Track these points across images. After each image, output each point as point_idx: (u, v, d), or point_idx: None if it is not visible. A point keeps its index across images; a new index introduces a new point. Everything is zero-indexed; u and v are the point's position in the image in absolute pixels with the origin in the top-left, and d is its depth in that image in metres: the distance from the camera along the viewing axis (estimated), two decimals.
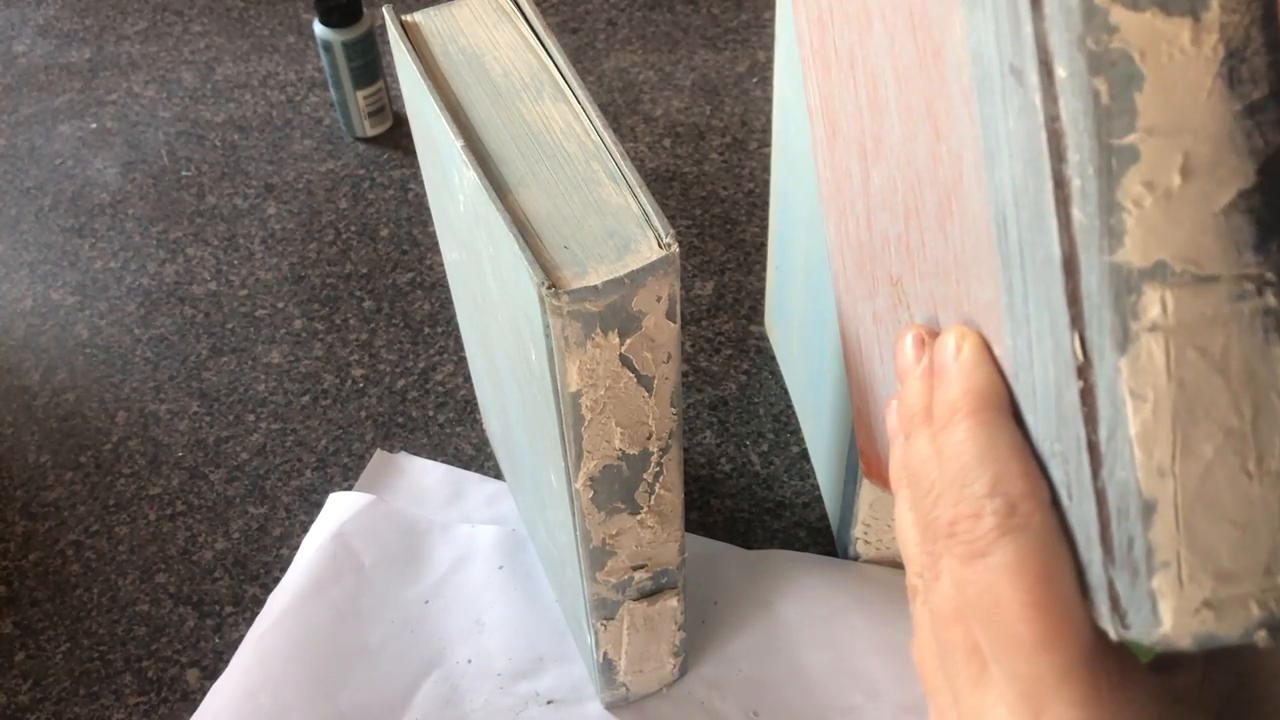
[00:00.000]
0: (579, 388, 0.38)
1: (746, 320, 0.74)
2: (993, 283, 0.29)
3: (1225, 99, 0.24)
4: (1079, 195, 0.24)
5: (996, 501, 0.28)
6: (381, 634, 0.59)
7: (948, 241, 0.32)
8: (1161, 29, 0.23)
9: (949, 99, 0.29)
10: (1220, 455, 0.25)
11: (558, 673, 0.58)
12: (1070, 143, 0.24)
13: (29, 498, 0.67)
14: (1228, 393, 0.25)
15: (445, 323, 0.74)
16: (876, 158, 0.38)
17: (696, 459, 0.67)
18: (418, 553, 0.62)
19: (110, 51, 0.94)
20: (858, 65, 0.38)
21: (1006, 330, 0.29)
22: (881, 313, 0.43)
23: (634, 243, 0.37)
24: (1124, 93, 0.24)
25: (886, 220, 0.39)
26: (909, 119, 0.34)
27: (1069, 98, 0.24)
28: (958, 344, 0.31)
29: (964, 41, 0.27)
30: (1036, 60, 0.24)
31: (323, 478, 0.67)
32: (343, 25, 0.79)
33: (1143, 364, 0.24)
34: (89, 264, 0.78)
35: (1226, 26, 0.23)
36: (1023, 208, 0.26)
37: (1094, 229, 0.24)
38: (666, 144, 0.84)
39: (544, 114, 0.41)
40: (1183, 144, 0.24)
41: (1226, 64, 0.23)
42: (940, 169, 0.32)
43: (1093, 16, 0.23)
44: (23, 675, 0.60)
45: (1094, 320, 0.25)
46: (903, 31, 0.32)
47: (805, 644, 0.59)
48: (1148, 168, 0.24)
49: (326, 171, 0.83)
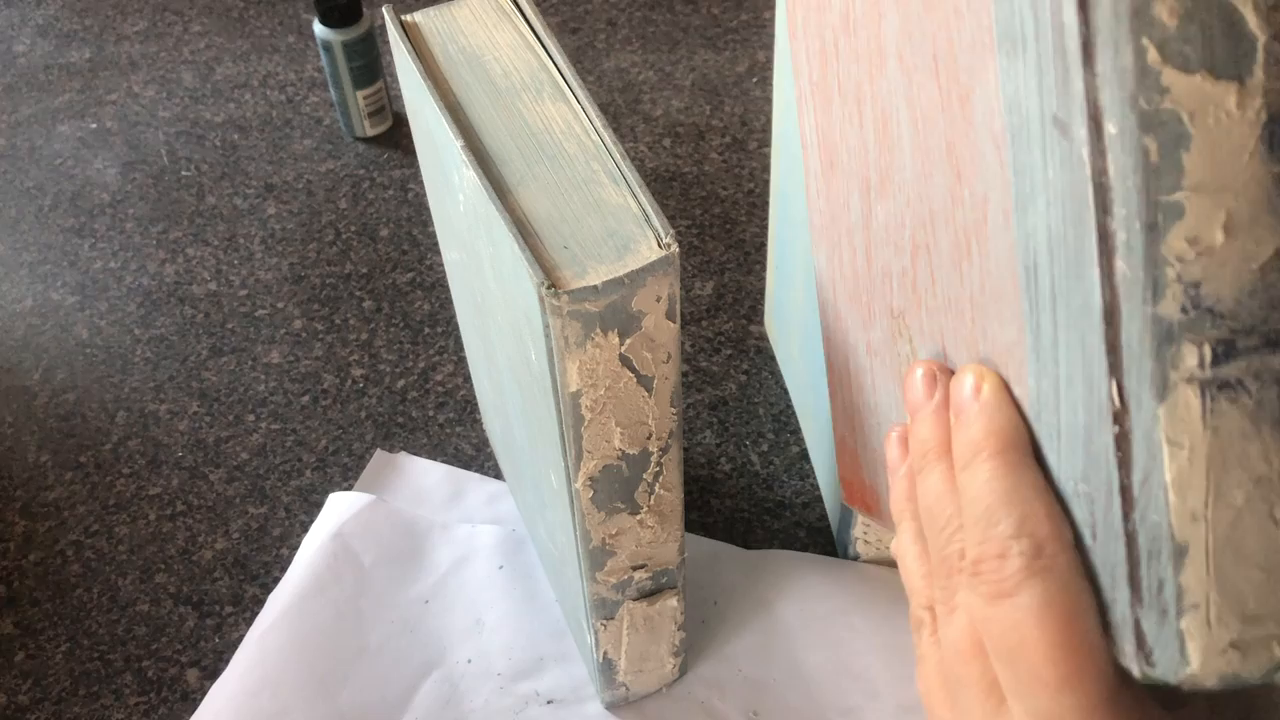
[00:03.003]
0: (579, 388, 0.38)
1: (746, 320, 0.74)
2: (1015, 325, 0.30)
3: (1266, 161, 0.25)
4: (1123, 248, 0.25)
5: (1023, 542, 0.29)
6: (381, 634, 0.59)
7: (963, 281, 0.33)
8: (1210, 92, 0.24)
9: (975, 143, 0.30)
10: (1250, 502, 0.26)
11: (558, 673, 0.58)
12: (1117, 197, 0.25)
13: (29, 498, 0.67)
14: (1259, 442, 0.26)
15: (445, 323, 0.74)
16: (882, 193, 0.39)
17: (696, 459, 0.67)
18: (418, 553, 0.62)
19: (110, 51, 0.94)
20: (865, 101, 0.38)
21: (1030, 372, 0.30)
22: (877, 344, 0.43)
23: (634, 243, 0.37)
24: (1172, 151, 0.24)
25: (890, 255, 0.39)
26: (925, 159, 0.34)
27: (1118, 153, 0.25)
28: (977, 383, 0.32)
29: (999, 90, 0.28)
30: (1086, 115, 0.25)
31: (323, 478, 0.67)
32: (343, 25, 0.79)
33: (1180, 413, 0.25)
34: (89, 264, 0.78)
35: (1270, 92, 0.24)
36: (1058, 256, 0.27)
37: (1138, 281, 0.25)
38: (666, 144, 0.84)
39: (544, 114, 0.41)
40: (1225, 203, 0.25)
41: (1269, 128, 0.24)
42: (959, 210, 0.32)
43: (1146, 76, 0.24)
44: (23, 675, 0.60)
45: (1133, 369, 0.26)
46: (923, 73, 0.33)
47: (805, 644, 0.59)
48: (1192, 224, 0.25)
49: (326, 171, 0.83)
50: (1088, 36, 0.25)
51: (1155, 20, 0.24)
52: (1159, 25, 0.24)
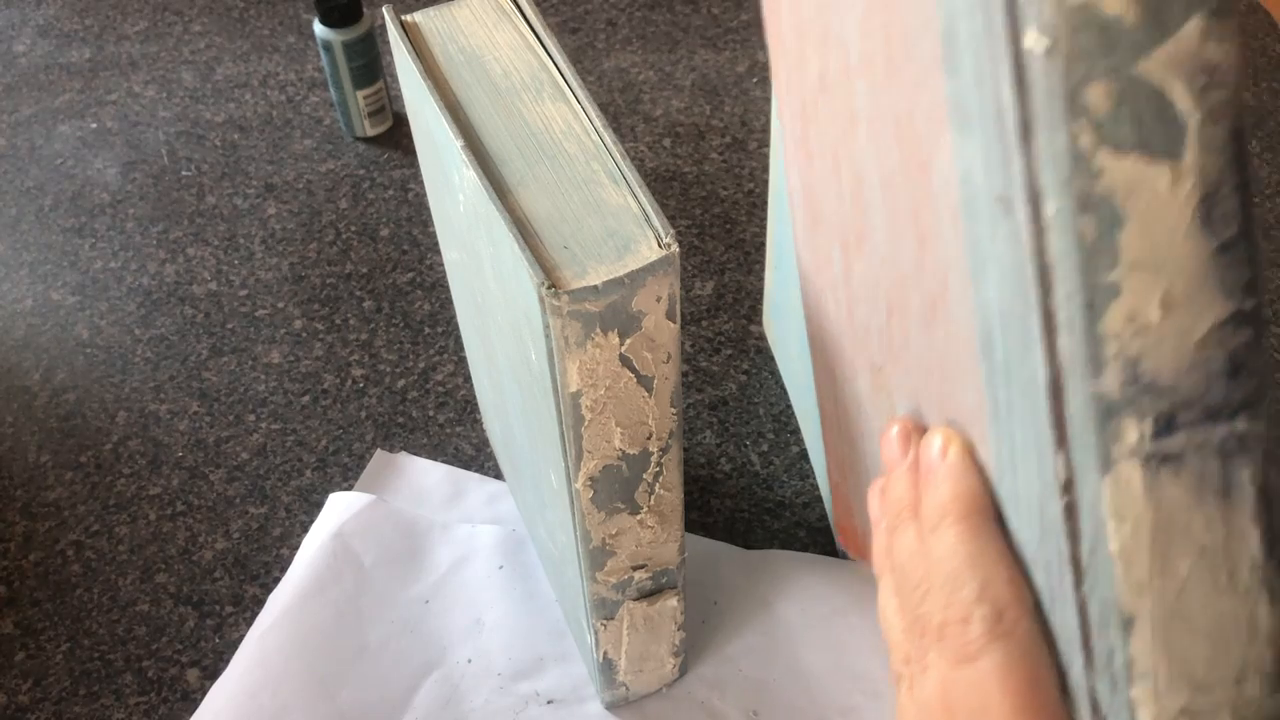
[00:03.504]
0: (579, 388, 0.38)
1: (746, 320, 0.74)
2: (977, 392, 0.30)
3: (1201, 238, 0.25)
4: (1065, 325, 0.26)
5: (985, 608, 0.29)
6: (381, 634, 0.59)
7: (932, 343, 0.34)
8: (1143, 173, 0.25)
9: (936, 212, 0.31)
10: (1195, 572, 0.26)
11: (558, 673, 0.58)
12: (1058, 276, 0.26)
13: (29, 498, 0.67)
14: (1202, 513, 0.26)
15: (445, 323, 0.74)
16: (859, 252, 0.39)
17: (696, 459, 0.67)
18: (418, 553, 0.62)
19: (110, 51, 0.94)
20: (841, 163, 0.38)
21: (991, 438, 0.31)
22: (862, 396, 0.43)
23: (634, 243, 0.37)
24: (1108, 232, 0.25)
25: (868, 311, 0.39)
26: (894, 222, 0.34)
27: (1056, 235, 0.25)
28: (944, 446, 0.32)
29: (952, 162, 0.28)
30: (1026, 196, 0.26)
31: (323, 478, 0.67)
32: (343, 25, 0.79)
33: (1122, 487, 0.26)
34: (89, 264, 0.78)
35: (1202, 171, 0.25)
36: (1009, 330, 0.28)
37: (1079, 358, 0.26)
38: (666, 144, 0.84)
39: (544, 114, 0.41)
40: (1162, 281, 0.25)
41: (1203, 205, 0.25)
42: (925, 276, 0.33)
43: (1080, 159, 0.25)
44: (23, 675, 0.60)
45: (1078, 443, 0.26)
46: (888, 139, 0.33)
47: (805, 644, 0.59)
48: (1129, 303, 0.25)
49: (326, 171, 0.83)
50: (1025, 119, 0.25)
51: (1089, 104, 0.24)
52: (1093, 109, 0.24)
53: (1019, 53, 0.25)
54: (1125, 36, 0.24)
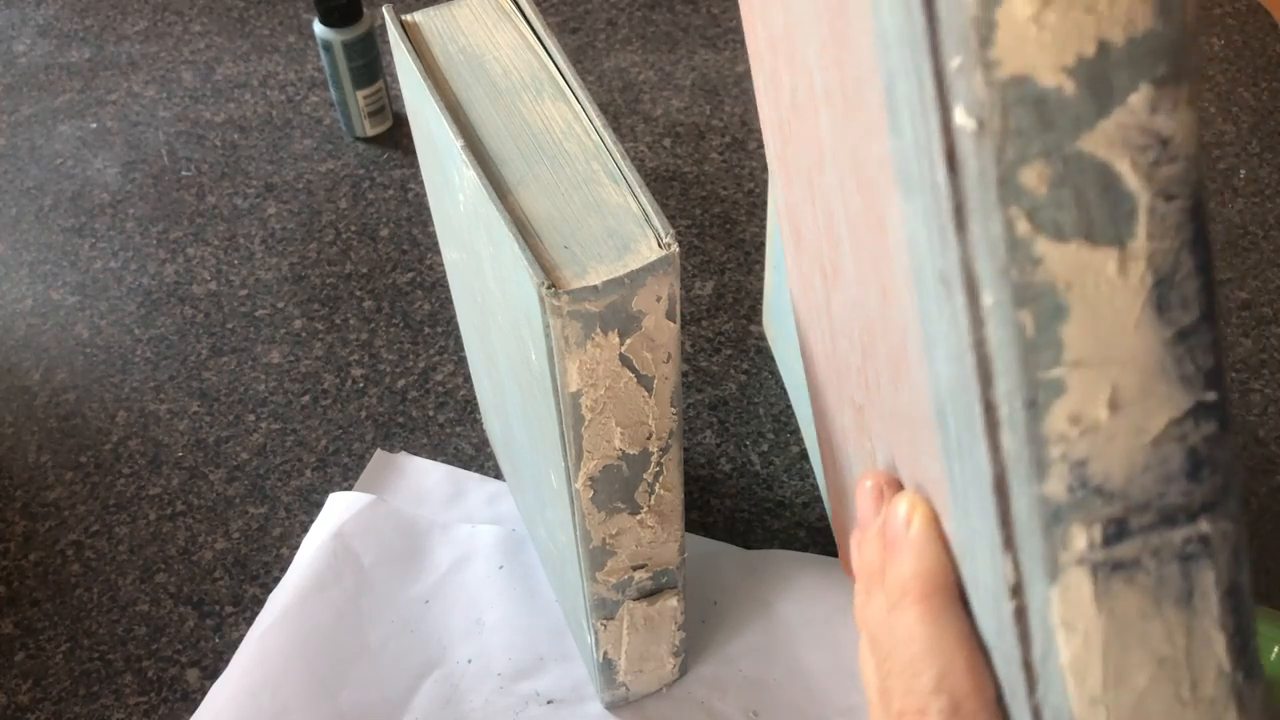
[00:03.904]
0: (579, 388, 0.38)
1: (746, 320, 0.74)
2: (938, 463, 0.28)
3: (1155, 327, 0.23)
4: (1007, 423, 0.24)
5: (942, 700, 0.28)
6: (381, 634, 0.59)
7: (899, 397, 0.31)
8: (1087, 260, 0.23)
9: (893, 270, 0.28)
10: (1154, 683, 0.25)
11: (558, 673, 0.58)
12: (997, 370, 0.24)
13: (29, 498, 0.67)
14: (1160, 622, 0.24)
15: (445, 323, 0.74)
16: (835, 285, 0.37)
17: (696, 459, 0.67)
18: (418, 553, 0.62)
19: (110, 51, 0.94)
20: (815, 193, 0.36)
21: (952, 515, 0.29)
22: (848, 430, 0.41)
23: (634, 243, 0.37)
24: (1050, 325, 0.23)
25: (847, 347, 0.37)
26: (859, 265, 0.32)
27: (995, 326, 0.23)
28: (908, 515, 0.31)
29: (901, 226, 0.26)
30: (963, 281, 0.24)
31: (323, 478, 0.67)
32: (343, 25, 0.79)
33: (1072, 595, 0.24)
34: (89, 264, 0.78)
35: (1155, 253, 0.23)
36: (957, 413, 0.26)
37: (1022, 459, 0.24)
38: (666, 144, 0.84)
39: (544, 114, 0.41)
40: (1111, 376, 0.23)
41: (1156, 291, 0.23)
42: (890, 330, 0.30)
43: (1017, 248, 0.23)
44: (23, 675, 0.60)
45: (1024, 546, 0.25)
46: (851, 182, 0.31)
47: (805, 644, 0.59)
48: (1074, 401, 0.23)
49: (326, 171, 0.83)
50: (959, 201, 0.23)
51: (1023, 188, 0.22)
52: (1027, 193, 0.22)
53: (950, 128, 0.23)
54: (1063, 111, 0.22)
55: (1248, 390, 0.69)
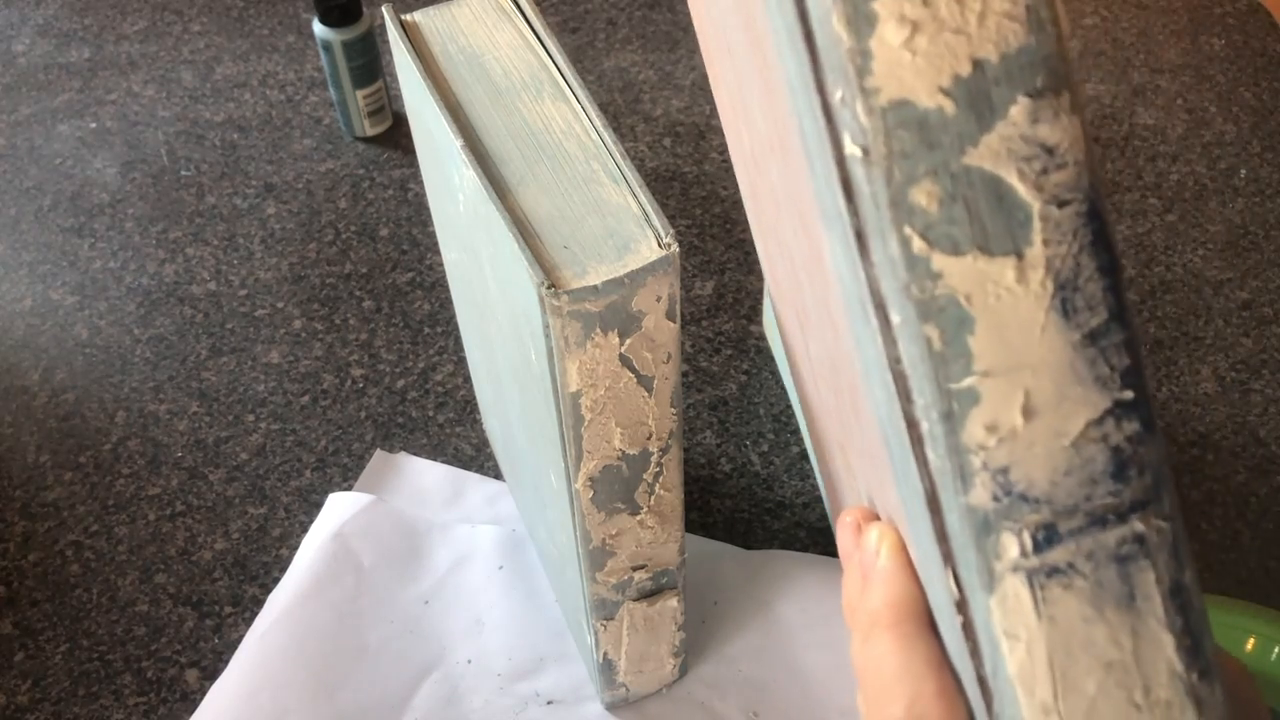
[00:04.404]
0: (579, 388, 0.38)
1: (746, 320, 0.74)
2: (893, 490, 0.29)
3: (1062, 331, 0.24)
4: (929, 438, 0.24)
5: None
6: (381, 634, 0.59)
7: (863, 431, 0.32)
8: (986, 271, 0.23)
9: (835, 305, 0.29)
10: (1104, 689, 0.24)
11: (558, 673, 0.58)
12: (913, 386, 0.24)
13: (29, 498, 0.67)
14: (1103, 625, 0.24)
15: (445, 323, 0.74)
16: (809, 330, 0.37)
17: (696, 459, 0.67)
18: (418, 553, 0.62)
19: (110, 51, 0.94)
20: (780, 243, 0.37)
21: (910, 540, 0.29)
22: (840, 474, 0.42)
23: (634, 242, 0.37)
24: (956, 337, 0.23)
25: (826, 390, 0.38)
26: (818, 307, 0.33)
27: (905, 343, 0.24)
28: (877, 545, 0.31)
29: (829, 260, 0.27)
30: (873, 304, 0.24)
31: (322, 478, 0.67)
32: (342, 25, 0.79)
33: (1010, 604, 0.24)
34: (89, 264, 0.78)
35: (1053, 259, 0.23)
36: (891, 435, 0.26)
37: (946, 471, 0.24)
38: (666, 144, 0.84)
39: (544, 114, 0.41)
40: (1023, 382, 0.24)
41: (1058, 296, 0.23)
42: (843, 364, 0.31)
43: (915, 265, 0.23)
44: (22, 675, 0.60)
45: (961, 559, 0.25)
46: (799, 227, 0.31)
47: (805, 644, 0.59)
48: (989, 409, 0.24)
49: (326, 171, 0.83)
50: (859, 227, 0.24)
51: (915, 207, 0.23)
52: (920, 212, 0.23)
53: (842, 159, 0.23)
54: (946, 130, 0.23)
55: (1248, 390, 0.69)
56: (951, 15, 0.22)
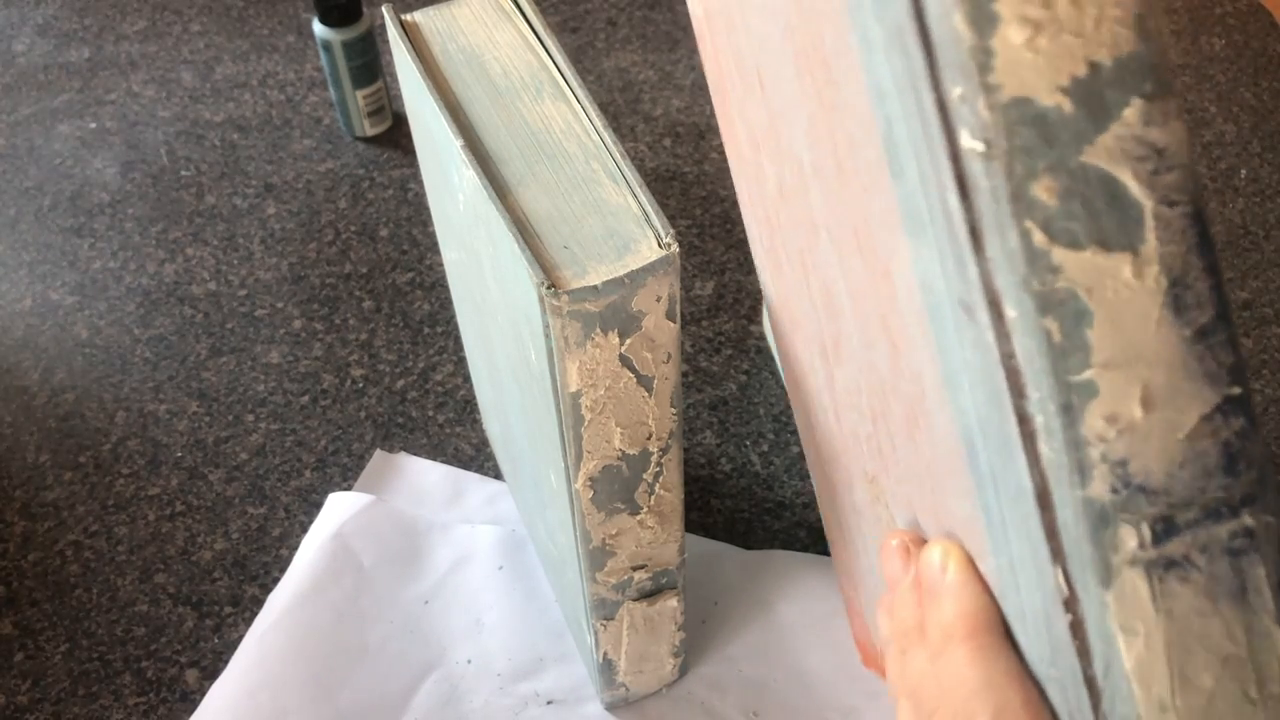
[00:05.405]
0: (579, 388, 0.38)
1: (746, 320, 0.74)
2: (969, 500, 0.29)
3: (1174, 327, 0.24)
4: (1044, 431, 0.25)
5: None
6: (381, 634, 0.59)
7: (918, 451, 0.32)
8: (1104, 265, 0.24)
9: (903, 319, 0.29)
10: (1220, 684, 0.25)
11: (558, 673, 0.58)
12: (1028, 380, 0.24)
13: (28, 498, 0.67)
14: (1219, 619, 0.25)
15: (445, 323, 0.74)
16: (838, 359, 0.37)
17: (696, 459, 0.67)
18: (418, 553, 0.62)
19: (109, 51, 0.94)
20: (810, 271, 0.37)
21: (989, 550, 0.29)
22: (861, 506, 0.42)
23: (634, 243, 0.37)
24: (1075, 330, 0.24)
25: (855, 419, 0.38)
26: (866, 329, 0.33)
27: (1021, 337, 0.24)
28: (943, 561, 0.31)
29: (912, 269, 0.27)
30: (985, 300, 0.24)
31: (322, 478, 0.67)
32: (342, 25, 0.79)
33: (1128, 598, 0.24)
34: (88, 264, 0.78)
35: (1166, 257, 0.24)
36: (989, 437, 0.26)
37: (1062, 465, 0.24)
38: (666, 144, 0.84)
39: (544, 114, 0.41)
40: (1140, 375, 0.24)
41: (1171, 292, 0.24)
42: (902, 382, 0.31)
43: (1035, 259, 0.24)
44: (22, 675, 0.60)
45: (1074, 554, 0.25)
46: (850, 247, 0.32)
47: (805, 644, 0.59)
48: (1109, 401, 0.24)
49: (326, 171, 0.83)
50: (974, 222, 0.24)
51: (1036, 201, 0.23)
52: (1040, 206, 0.23)
53: (958, 155, 0.24)
54: (1064, 128, 0.23)
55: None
56: (1069, 18, 0.23)
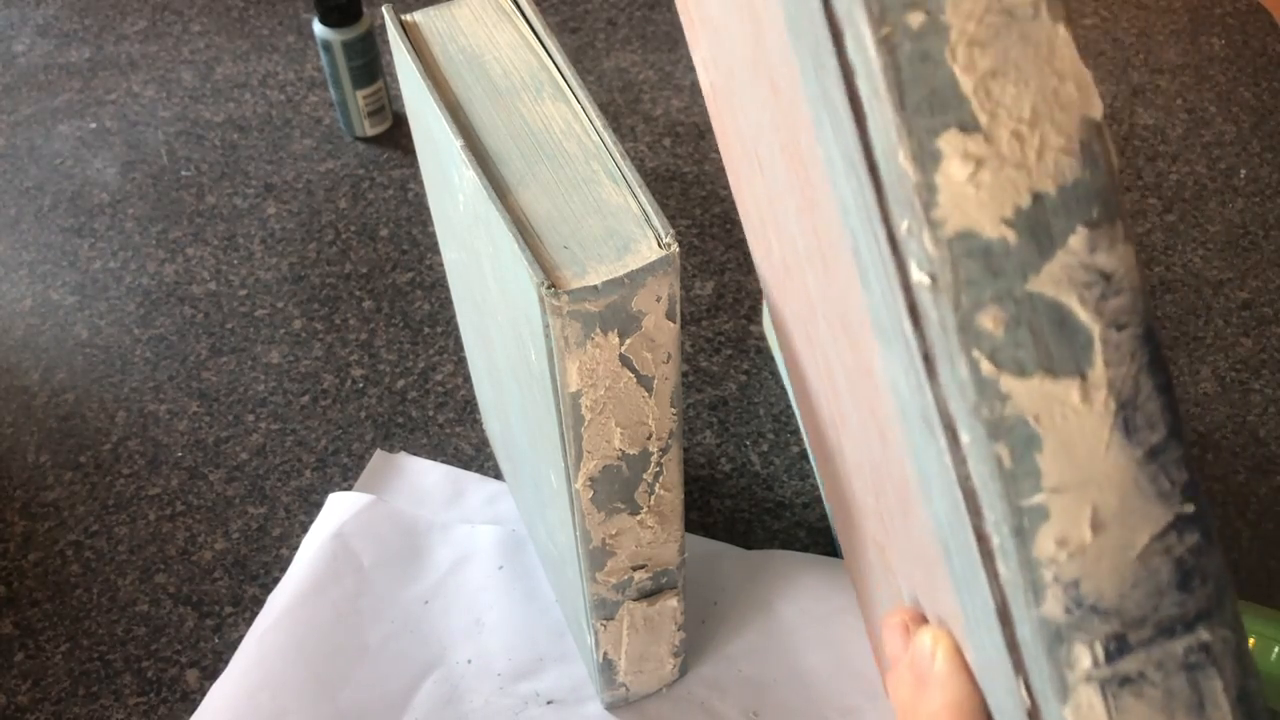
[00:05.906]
0: (579, 388, 0.38)
1: (746, 320, 0.74)
2: (951, 596, 0.29)
3: (1125, 448, 0.24)
4: (1000, 552, 0.25)
5: None
6: (381, 634, 0.59)
7: (910, 535, 0.33)
8: (1051, 392, 0.24)
9: (887, 415, 0.30)
10: None
11: (558, 673, 0.58)
12: (984, 502, 0.25)
13: (29, 498, 0.67)
14: None
15: (445, 323, 0.74)
16: (844, 431, 0.38)
17: (696, 459, 0.67)
18: (418, 553, 0.62)
19: (110, 51, 0.94)
20: (814, 345, 0.38)
21: (970, 645, 0.30)
22: (875, 569, 0.42)
23: (634, 243, 0.37)
24: (1025, 455, 0.24)
25: (862, 489, 0.39)
26: (860, 412, 0.34)
27: (975, 461, 0.25)
28: (932, 649, 0.32)
29: (883, 374, 0.28)
30: (941, 423, 0.25)
31: (322, 478, 0.67)
32: (342, 25, 0.79)
33: (1084, 713, 0.25)
34: (88, 264, 0.78)
35: (1115, 380, 0.24)
36: (957, 546, 0.27)
37: (1018, 584, 0.25)
38: (666, 144, 0.84)
39: (544, 114, 0.41)
40: (1090, 497, 0.24)
41: (1121, 415, 0.24)
42: (894, 471, 0.32)
43: (984, 387, 0.24)
44: (22, 675, 0.60)
45: (1034, 668, 0.26)
46: (840, 332, 0.32)
47: (805, 644, 0.59)
48: (1059, 525, 0.25)
49: (326, 171, 0.83)
50: (926, 350, 0.25)
51: (982, 331, 0.24)
52: (987, 336, 0.24)
53: (909, 285, 0.24)
54: (1009, 259, 0.23)
55: (1248, 390, 0.69)
56: (1012, 152, 0.23)
